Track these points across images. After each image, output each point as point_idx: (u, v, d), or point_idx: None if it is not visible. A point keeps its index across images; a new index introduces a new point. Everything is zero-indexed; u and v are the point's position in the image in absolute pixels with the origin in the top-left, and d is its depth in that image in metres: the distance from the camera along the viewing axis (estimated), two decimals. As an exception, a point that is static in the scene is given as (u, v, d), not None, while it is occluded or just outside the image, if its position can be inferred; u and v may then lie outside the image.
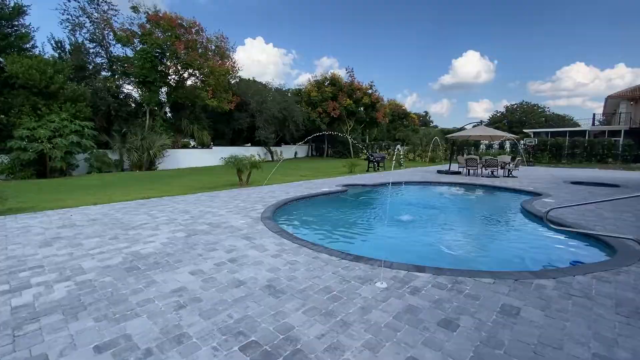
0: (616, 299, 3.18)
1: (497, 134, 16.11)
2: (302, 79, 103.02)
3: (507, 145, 28.88)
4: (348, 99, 32.01)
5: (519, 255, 5.20)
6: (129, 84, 23.17)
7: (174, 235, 5.35)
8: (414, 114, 59.53)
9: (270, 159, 30.94)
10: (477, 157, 15.93)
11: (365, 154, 34.27)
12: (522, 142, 27.03)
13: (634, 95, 29.34)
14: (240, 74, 27.95)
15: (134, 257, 4.32)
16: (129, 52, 22.41)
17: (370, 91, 33.16)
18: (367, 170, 18.76)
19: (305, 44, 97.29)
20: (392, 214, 7.98)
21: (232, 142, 32.50)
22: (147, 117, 22.17)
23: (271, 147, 31.39)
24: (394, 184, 12.98)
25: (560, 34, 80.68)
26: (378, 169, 19.24)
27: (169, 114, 26.59)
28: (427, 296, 3.21)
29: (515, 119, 62.36)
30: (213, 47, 23.55)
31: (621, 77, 78.59)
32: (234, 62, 24.77)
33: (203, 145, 27.09)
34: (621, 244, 4.88)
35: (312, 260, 4.18)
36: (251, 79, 32.15)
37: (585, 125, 39.69)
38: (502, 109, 67.06)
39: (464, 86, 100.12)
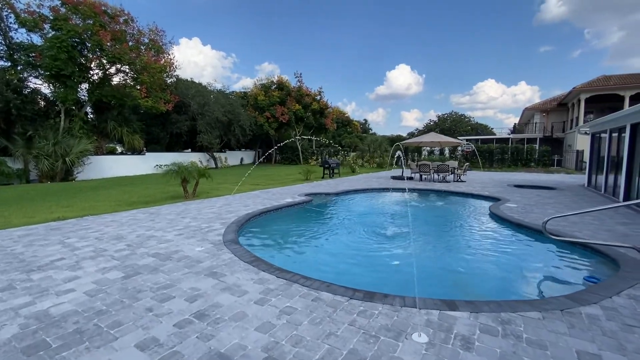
0: (678, 327, 2.77)
1: (449, 141, 16.77)
2: (244, 84, 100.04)
3: (447, 151, 30.86)
4: (297, 104, 31.23)
5: (520, 271, 4.81)
6: (37, 77, 19.19)
7: (104, 278, 3.83)
8: (356, 121, 61.50)
9: (214, 166, 28.59)
10: (429, 163, 16.31)
11: (315, 160, 33.85)
12: (459, 148, 29.07)
13: (545, 108, 33.81)
14: (177, 72, 25.29)
15: (39, 324, 2.81)
16: (37, 40, 18.60)
17: (319, 97, 32.86)
18: (323, 177, 18.08)
19: (246, 48, 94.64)
20: (371, 227, 7.26)
21: (169, 148, 29.34)
22: (62, 117, 18.55)
23: (215, 153, 29.04)
24: (357, 191, 12.42)
25: (475, 53, 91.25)
26: (333, 175, 18.69)
27: (90, 115, 22.82)
28: (486, 350, 2.42)
29: (446, 127, 68.33)
30: (146, 40, 20.81)
31: (523, 93, 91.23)
32: (172, 59, 22.24)
33: (134, 151, 23.76)
34: (613, 251, 4.78)
35: (312, 304, 3.15)
36: (190, 79, 29.45)
37: (501, 133, 45.07)
38: (431, 119, 73.50)
39: (397, 97, 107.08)
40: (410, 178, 17.24)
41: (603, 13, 67.81)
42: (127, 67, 19.88)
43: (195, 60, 78.26)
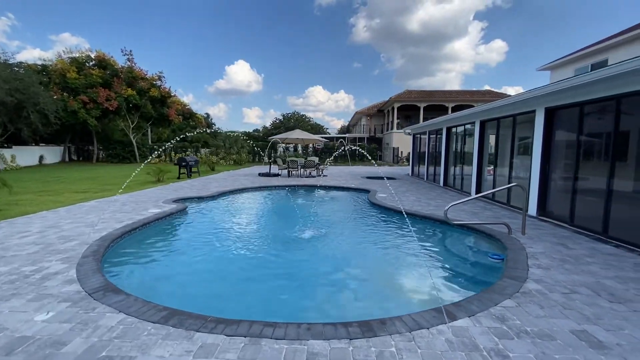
0: (597, 288, 3.48)
1: (312, 138, 17.50)
2: (34, 55, 74.19)
3: (299, 147, 32.68)
4: (129, 89, 25.35)
5: (436, 257, 5.23)
6: None
7: None
8: (199, 114, 56.97)
9: (-7, 169, 19.47)
10: (297, 160, 16.59)
11: (158, 157, 28.72)
12: (311, 145, 31.32)
13: (370, 113, 41.16)
14: None
15: None
16: None
17: (158, 83, 27.82)
18: (179, 177, 15.31)
19: (32, 9, 69.74)
20: (274, 233, 6.38)
21: None
22: None
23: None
24: (233, 192, 11.02)
25: (306, 61, 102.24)
26: (191, 174, 16.15)
27: None
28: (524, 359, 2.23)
29: (290, 126, 73.13)
30: None
31: (342, 99, 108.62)
32: None
33: None
34: (486, 228, 5.91)
35: (313, 365, 2.16)
36: None
37: (331, 132, 52.56)
38: (277, 117, 77.57)
39: (238, 93, 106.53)
40: (278, 175, 17.03)
41: (391, 43, 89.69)
42: None
43: None
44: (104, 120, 26.80)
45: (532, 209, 7.45)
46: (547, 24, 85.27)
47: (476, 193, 10.44)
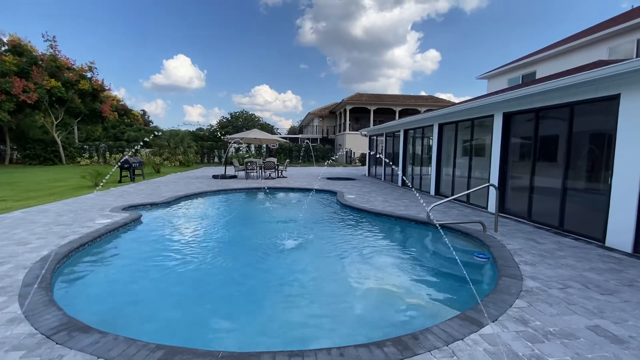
0: (584, 281, 3.71)
1: (270, 138, 16.90)
2: None
3: (253, 148, 31.54)
4: (52, 80, 21.97)
5: (419, 257, 5.25)
6: None
7: None
8: (135, 111, 52.28)
9: None
10: (256, 160, 15.89)
11: (88, 158, 25.48)
12: (265, 145, 30.44)
13: (322, 114, 41.47)
14: None
15: None
16: None
17: (89, 74, 24.59)
18: (121, 181, 13.64)
19: None
20: (251, 242, 5.88)
21: None
22: None
23: None
24: (189, 196, 10.06)
25: (253, 58, 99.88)
26: (135, 178, 14.50)
27: None
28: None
29: (238, 125, 70.54)
30: None
31: (290, 100, 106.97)
32: None
33: None
34: (462, 227, 6.15)
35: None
36: None
37: (279, 133, 52.45)
38: (224, 116, 74.65)
39: (178, 89, 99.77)
40: (234, 176, 16.13)
41: (337, 46, 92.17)
42: None
43: None
44: (19, 115, 22.86)
45: (492, 206, 7.99)
46: (475, 38, 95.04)
47: (435, 192, 10.98)
